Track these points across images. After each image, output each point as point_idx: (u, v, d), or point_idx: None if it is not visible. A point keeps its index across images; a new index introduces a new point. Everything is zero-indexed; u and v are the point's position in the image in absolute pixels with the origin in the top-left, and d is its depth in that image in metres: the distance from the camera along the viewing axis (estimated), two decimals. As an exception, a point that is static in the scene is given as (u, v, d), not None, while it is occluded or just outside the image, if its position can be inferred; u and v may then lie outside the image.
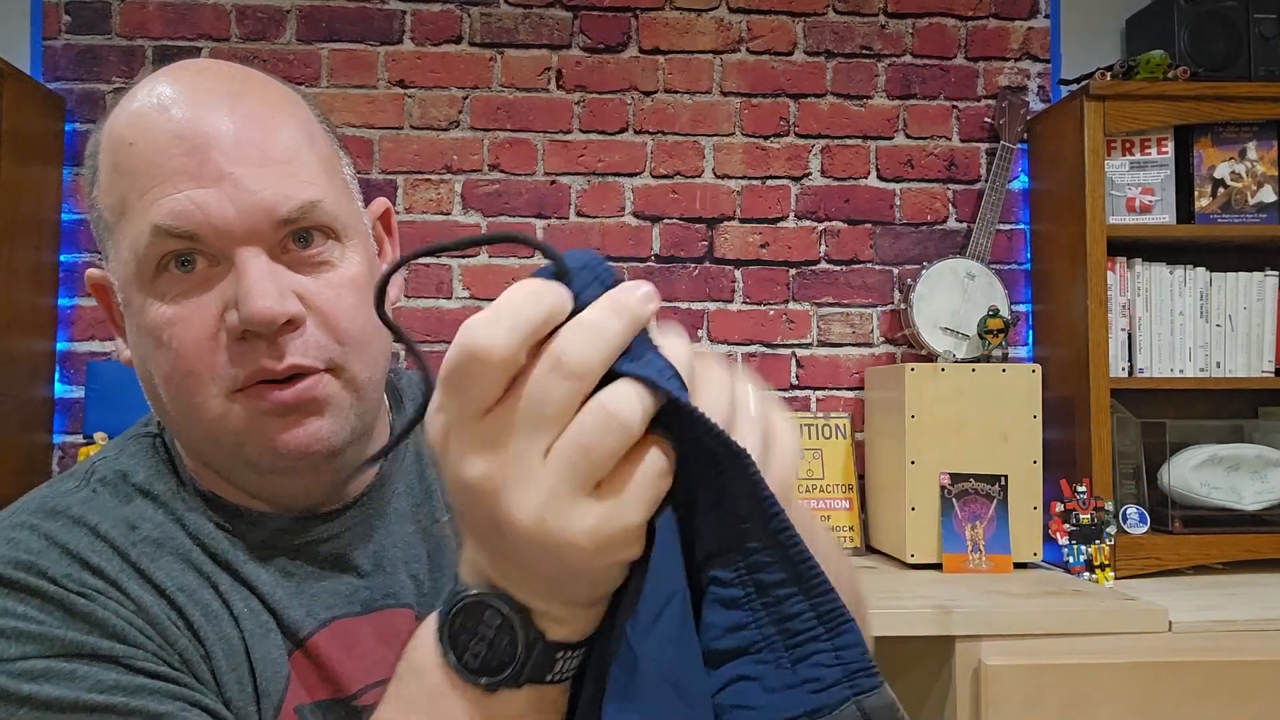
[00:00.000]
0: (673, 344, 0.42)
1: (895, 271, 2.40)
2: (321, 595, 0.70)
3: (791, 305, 2.38)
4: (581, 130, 2.37)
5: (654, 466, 0.40)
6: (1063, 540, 1.99)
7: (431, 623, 0.46)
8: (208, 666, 0.63)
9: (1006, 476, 2.02)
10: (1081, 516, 1.99)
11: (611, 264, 0.42)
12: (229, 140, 0.63)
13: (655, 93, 2.38)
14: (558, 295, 0.40)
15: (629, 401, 0.39)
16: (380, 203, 0.77)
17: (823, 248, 2.40)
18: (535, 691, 0.44)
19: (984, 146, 2.42)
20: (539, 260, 2.32)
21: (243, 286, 0.62)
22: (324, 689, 0.67)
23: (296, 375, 0.65)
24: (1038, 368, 2.06)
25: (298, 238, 0.65)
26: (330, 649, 0.68)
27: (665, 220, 2.37)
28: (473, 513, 0.41)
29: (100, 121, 0.69)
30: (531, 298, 0.39)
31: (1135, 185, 2.18)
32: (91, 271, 0.72)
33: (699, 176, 2.38)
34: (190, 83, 0.66)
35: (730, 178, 2.39)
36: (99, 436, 2.09)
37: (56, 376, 2.26)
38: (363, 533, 0.73)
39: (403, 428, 0.48)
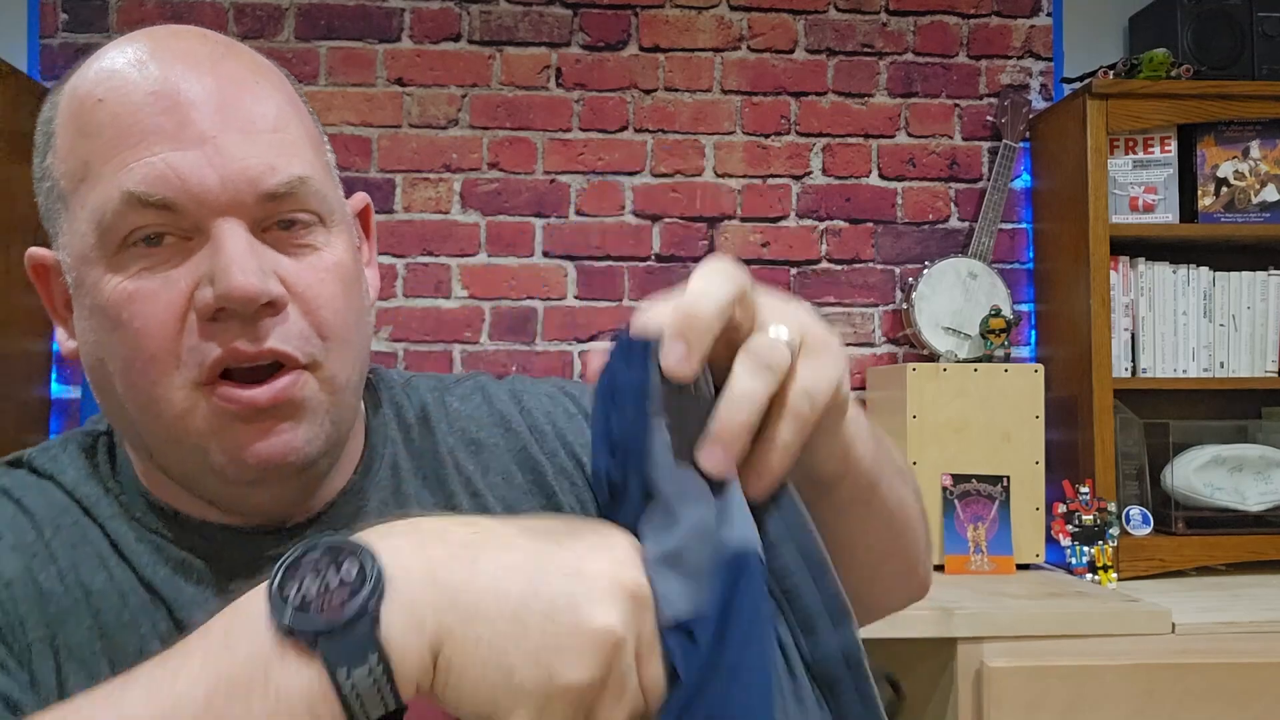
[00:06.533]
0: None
1: (897, 271, 2.39)
2: None
3: (792, 305, 2.37)
4: (581, 129, 2.36)
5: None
6: (1065, 541, 1.98)
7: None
8: (107, 659, 0.57)
9: (1009, 477, 2.01)
10: (1084, 517, 1.98)
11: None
12: (212, 102, 0.57)
13: (655, 91, 2.37)
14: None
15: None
16: (360, 198, 0.70)
17: (824, 247, 2.38)
18: (326, 686, 0.40)
19: (986, 145, 2.41)
20: (539, 260, 2.31)
21: (220, 259, 0.55)
22: None
23: (271, 371, 0.57)
24: (1040, 368, 2.05)
25: (280, 222, 0.58)
26: None
27: (665, 219, 2.36)
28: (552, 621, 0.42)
29: (57, 87, 0.61)
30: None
31: (1138, 184, 2.17)
32: (34, 250, 0.63)
33: (699, 175, 2.37)
34: (167, 43, 0.59)
35: (731, 176, 2.38)
36: (96, 437, 2.08)
37: (53, 376, 2.25)
38: None
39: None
